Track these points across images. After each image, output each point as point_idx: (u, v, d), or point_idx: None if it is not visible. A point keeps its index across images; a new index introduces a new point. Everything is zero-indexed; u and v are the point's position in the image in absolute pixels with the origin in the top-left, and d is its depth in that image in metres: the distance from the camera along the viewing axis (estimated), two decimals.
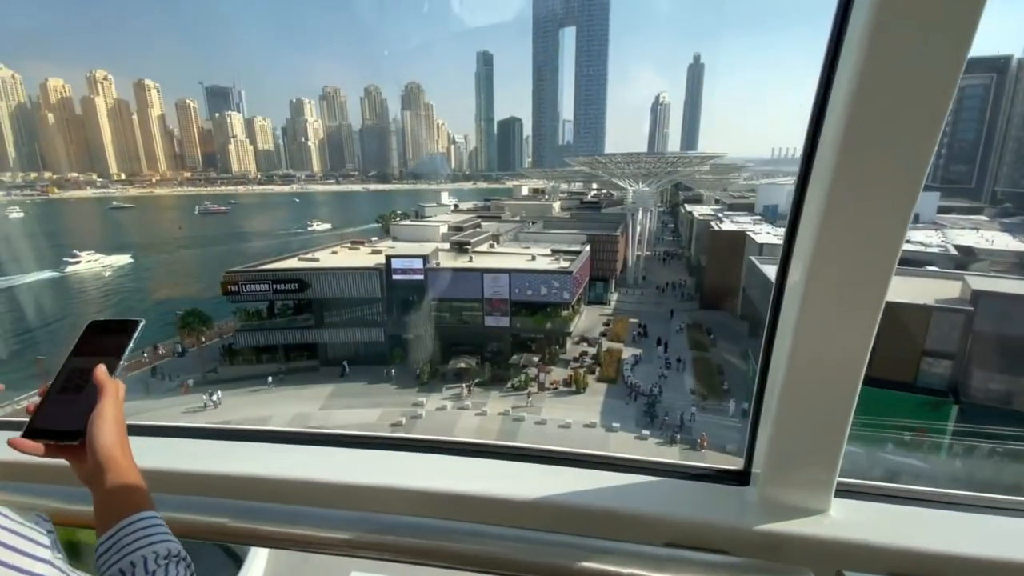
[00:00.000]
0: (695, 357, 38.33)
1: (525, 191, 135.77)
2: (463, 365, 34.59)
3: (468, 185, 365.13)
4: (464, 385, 33.02)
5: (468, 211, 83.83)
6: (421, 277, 37.00)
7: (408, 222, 65.80)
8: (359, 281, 37.42)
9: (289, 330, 38.44)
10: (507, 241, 52.87)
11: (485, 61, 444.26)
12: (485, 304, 36.23)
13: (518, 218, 71.08)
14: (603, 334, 42.05)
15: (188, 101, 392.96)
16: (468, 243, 44.57)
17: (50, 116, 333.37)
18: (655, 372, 35.82)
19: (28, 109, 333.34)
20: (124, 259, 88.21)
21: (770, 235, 46.89)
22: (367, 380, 34.99)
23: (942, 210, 58.90)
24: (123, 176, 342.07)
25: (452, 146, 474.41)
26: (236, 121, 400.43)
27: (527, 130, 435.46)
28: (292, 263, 41.19)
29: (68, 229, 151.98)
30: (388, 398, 32.77)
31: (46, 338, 50.65)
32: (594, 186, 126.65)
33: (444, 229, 52.72)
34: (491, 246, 48.37)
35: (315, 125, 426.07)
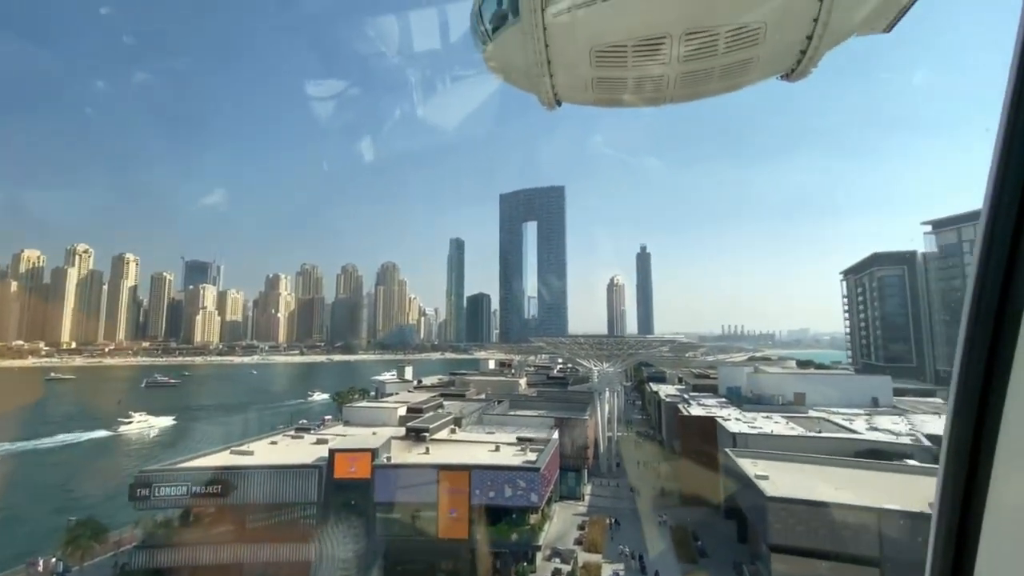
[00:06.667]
0: (686, 572, 32.91)
1: (492, 364, 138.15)
2: None
3: (436, 355, 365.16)
4: None
5: (431, 387, 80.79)
6: (367, 476, 32.42)
7: (363, 403, 61.28)
8: (294, 482, 32.27)
9: (201, 546, 31.68)
10: (470, 424, 49.38)
11: (457, 246, 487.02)
12: (440, 510, 31.30)
13: (483, 396, 68.31)
14: (578, 542, 36.45)
15: (165, 273, 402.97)
16: (427, 429, 40.88)
17: (14, 284, 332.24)
18: None
19: None
20: (168, 421, 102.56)
21: (740, 422, 45.54)
22: None
23: (897, 392, 59.79)
24: (73, 345, 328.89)
25: (423, 318, 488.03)
26: (209, 293, 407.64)
27: (495, 304, 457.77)
28: (223, 457, 36.18)
29: None
30: None
31: None
32: (559, 360, 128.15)
33: (402, 411, 49.18)
34: (452, 431, 44.72)
35: (288, 298, 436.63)
